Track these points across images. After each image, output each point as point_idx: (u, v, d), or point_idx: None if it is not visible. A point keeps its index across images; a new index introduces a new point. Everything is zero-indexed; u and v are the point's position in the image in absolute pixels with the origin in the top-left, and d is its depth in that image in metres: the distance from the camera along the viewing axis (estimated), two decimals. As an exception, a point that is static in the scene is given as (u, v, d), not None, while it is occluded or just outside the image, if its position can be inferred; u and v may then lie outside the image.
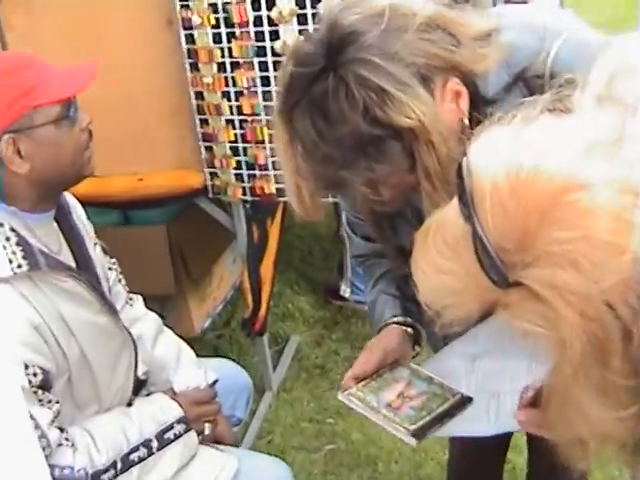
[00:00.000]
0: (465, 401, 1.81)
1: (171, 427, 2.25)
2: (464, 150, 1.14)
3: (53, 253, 2.11)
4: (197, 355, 3.82)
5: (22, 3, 3.25)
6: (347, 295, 4.39)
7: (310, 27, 2.88)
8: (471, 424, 1.83)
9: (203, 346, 4.23)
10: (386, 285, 2.06)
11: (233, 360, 4.01)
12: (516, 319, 1.07)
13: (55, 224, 2.20)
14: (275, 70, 2.98)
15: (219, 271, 4.35)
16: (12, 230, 2.00)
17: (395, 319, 1.98)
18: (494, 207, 1.05)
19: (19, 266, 1.96)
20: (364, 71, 1.46)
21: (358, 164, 1.51)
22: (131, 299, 2.57)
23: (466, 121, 1.57)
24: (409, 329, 1.97)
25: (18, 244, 1.98)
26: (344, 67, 1.48)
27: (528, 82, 1.62)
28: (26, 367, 1.94)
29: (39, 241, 2.06)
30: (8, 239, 1.98)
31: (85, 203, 3.26)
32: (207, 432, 2.37)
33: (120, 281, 2.53)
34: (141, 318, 2.54)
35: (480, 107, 1.58)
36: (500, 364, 1.87)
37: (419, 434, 1.73)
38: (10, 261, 1.95)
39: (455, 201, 1.13)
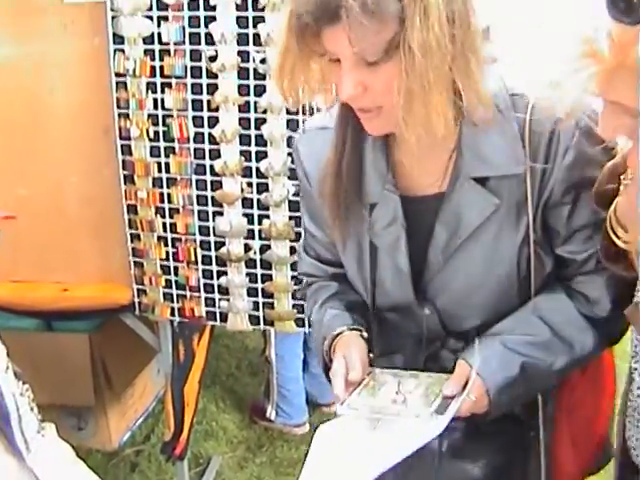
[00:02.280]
0: None
1: None
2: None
3: None
4: (113, 472, 3.66)
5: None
6: (273, 417, 4.23)
7: (252, 148, 2.78)
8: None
9: (121, 462, 4.04)
10: (334, 304, 1.92)
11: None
12: None
13: None
14: (213, 190, 2.86)
15: (142, 381, 4.20)
16: None
17: (351, 326, 1.84)
18: None
19: None
20: None
21: None
22: (43, 428, 2.37)
23: None
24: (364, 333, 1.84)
25: None
26: None
27: None
28: None
29: None
30: None
31: (6, 310, 3.14)
32: None
33: (32, 409, 2.32)
34: (52, 451, 2.34)
35: None
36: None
37: (441, 410, 1.62)
38: None
39: None
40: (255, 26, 2.70)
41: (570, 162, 1.63)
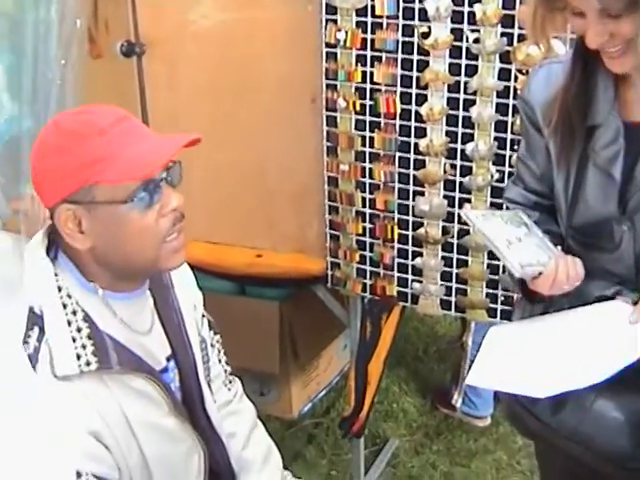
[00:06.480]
0: None
1: None
2: None
3: (139, 334, 1.90)
4: (290, 441, 3.68)
5: (165, 58, 3.19)
6: (458, 405, 4.13)
7: (459, 129, 2.71)
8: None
9: (298, 432, 4.05)
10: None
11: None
12: None
13: (150, 299, 1.96)
14: (416, 169, 2.80)
15: (328, 355, 4.20)
16: (85, 320, 1.76)
17: None
18: None
19: (87, 363, 1.72)
20: None
21: None
22: (230, 382, 2.35)
23: None
24: None
25: (89, 337, 1.75)
26: None
27: None
28: (78, 475, 1.74)
29: (121, 322, 1.82)
30: (79, 330, 1.75)
31: (200, 270, 3.17)
32: None
33: (220, 361, 2.31)
34: (236, 412, 2.33)
35: None
36: None
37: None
38: (78, 357, 1.72)
39: None
40: (471, 5, 2.61)
41: None
